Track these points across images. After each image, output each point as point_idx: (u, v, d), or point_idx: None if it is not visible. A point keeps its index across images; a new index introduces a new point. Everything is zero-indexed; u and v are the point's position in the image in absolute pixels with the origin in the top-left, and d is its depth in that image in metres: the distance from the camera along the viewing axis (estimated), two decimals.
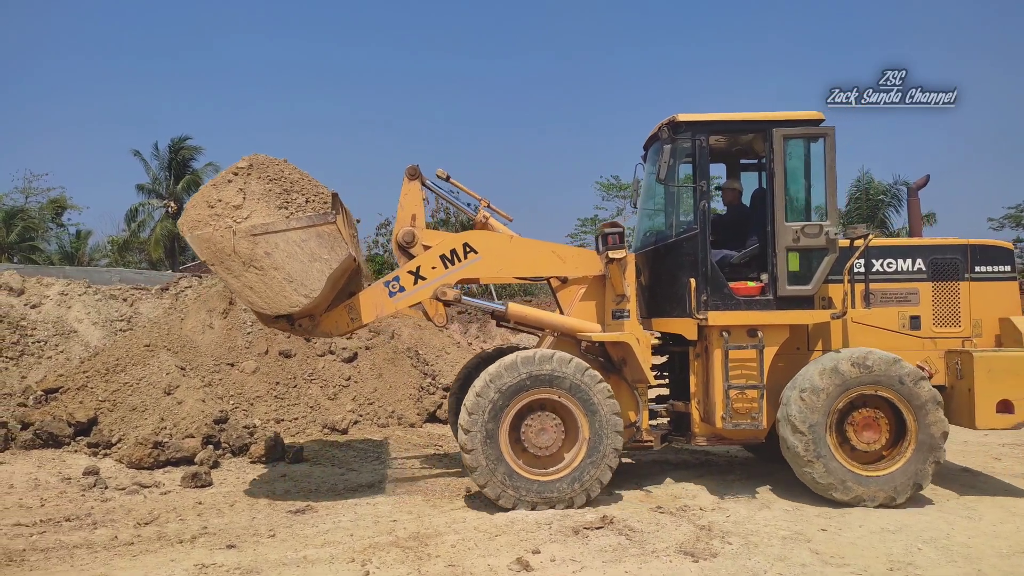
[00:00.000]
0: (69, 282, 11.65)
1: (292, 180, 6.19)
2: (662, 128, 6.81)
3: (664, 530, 5.59)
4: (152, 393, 9.11)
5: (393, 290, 6.76)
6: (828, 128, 6.56)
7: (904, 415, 6.22)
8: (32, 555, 5.13)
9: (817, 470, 6.16)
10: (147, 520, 6.01)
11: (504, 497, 6.09)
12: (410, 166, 7.08)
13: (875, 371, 6.18)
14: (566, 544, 5.31)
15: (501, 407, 6.13)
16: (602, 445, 6.17)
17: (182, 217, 5.93)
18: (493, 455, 6.08)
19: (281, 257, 5.86)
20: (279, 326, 6.70)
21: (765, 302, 6.56)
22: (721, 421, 6.49)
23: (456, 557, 5.08)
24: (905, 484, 6.15)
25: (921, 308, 6.88)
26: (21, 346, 10.16)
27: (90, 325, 10.97)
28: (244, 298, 6.00)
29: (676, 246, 6.82)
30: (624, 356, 6.72)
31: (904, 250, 6.99)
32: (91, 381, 9.35)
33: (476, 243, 6.85)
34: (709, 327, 6.57)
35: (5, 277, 11.20)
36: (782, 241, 6.49)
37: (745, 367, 6.53)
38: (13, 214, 39.95)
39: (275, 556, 5.12)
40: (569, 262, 7.01)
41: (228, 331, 10.79)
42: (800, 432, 6.18)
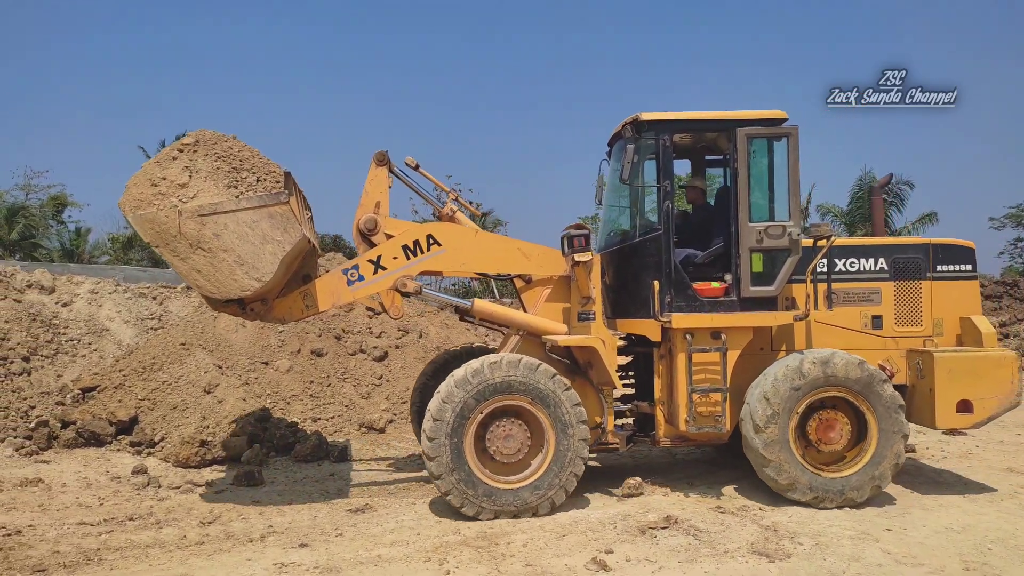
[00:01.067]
0: (99, 280, 11.62)
1: (242, 158, 5.93)
2: (626, 127, 6.76)
3: (730, 530, 5.62)
4: (192, 392, 9.10)
5: (352, 279, 6.57)
6: (791, 127, 6.55)
7: (866, 417, 6.25)
8: (108, 554, 5.13)
9: (778, 470, 6.15)
10: (210, 519, 6.01)
11: (468, 505, 5.95)
12: (379, 152, 6.87)
13: (839, 373, 6.17)
14: (636, 544, 5.34)
15: (467, 413, 5.98)
16: (569, 452, 6.09)
17: (123, 196, 5.56)
18: (457, 461, 5.93)
19: (231, 239, 5.60)
20: (229, 310, 6.41)
21: (729, 303, 6.53)
22: (685, 424, 6.49)
23: (531, 556, 5.10)
24: (865, 485, 6.17)
25: (883, 308, 6.87)
26: (55, 344, 10.13)
27: (122, 323, 10.95)
28: (192, 282, 5.72)
29: (640, 246, 6.78)
30: (590, 359, 6.65)
31: (866, 250, 6.96)
32: (128, 380, 9.34)
33: (440, 235, 6.71)
34: (673, 329, 6.54)
35: (36, 275, 11.16)
36: (745, 242, 6.47)
37: (708, 370, 6.52)
38: (15, 211, 39.77)
39: (349, 555, 5.14)
40: (534, 260, 6.92)
41: (260, 330, 10.78)
42: (762, 432, 6.15)
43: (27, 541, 5.40)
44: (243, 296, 5.83)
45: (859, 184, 38.23)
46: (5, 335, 9.77)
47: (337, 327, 11.52)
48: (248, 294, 5.76)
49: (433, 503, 6.52)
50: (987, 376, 6.39)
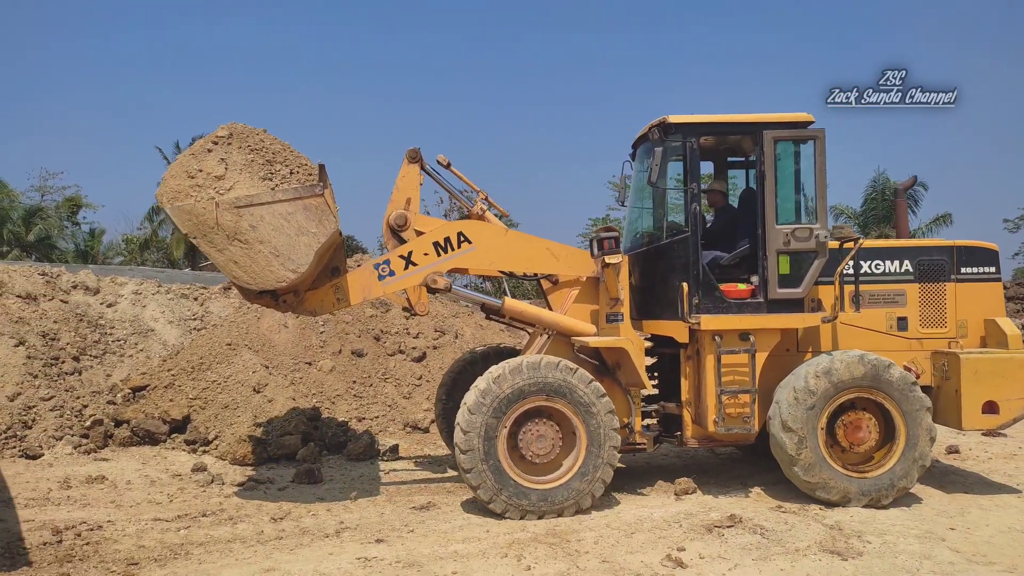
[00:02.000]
0: (142, 281, 11.77)
1: (274, 151, 6.02)
2: (652, 129, 6.81)
3: (796, 529, 5.71)
4: (241, 391, 9.24)
5: (383, 273, 6.65)
6: (818, 130, 6.62)
7: (894, 418, 6.32)
8: (193, 549, 5.26)
9: (805, 469, 6.22)
10: (280, 515, 6.14)
11: (498, 503, 6.00)
12: (411, 149, 6.95)
13: (868, 374, 6.24)
14: (706, 542, 5.44)
15: (502, 410, 6.06)
16: (600, 457, 6.16)
17: (160, 188, 5.66)
18: (490, 459, 6.00)
19: (267, 230, 5.69)
20: (263, 302, 6.52)
21: (756, 305, 6.59)
22: (713, 425, 6.55)
23: (605, 553, 5.20)
24: (891, 486, 6.25)
25: (908, 309, 6.92)
26: (103, 344, 10.28)
27: (166, 324, 11.10)
28: (228, 272, 5.79)
29: (667, 248, 6.86)
30: (619, 360, 6.75)
31: (891, 252, 7.00)
32: (178, 379, 9.48)
33: (471, 233, 6.79)
34: (701, 331, 6.58)
35: (81, 276, 11.31)
36: (773, 244, 6.53)
37: (737, 371, 6.58)
38: (32, 212, 40.11)
39: (427, 550, 5.25)
40: (563, 261, 7.01)
41: (302, 330, 10.91)
42: (791, 431, 6.19)
43: (111, 536, 5.54)
44: (278, 287, 5.90)
45: (873, 185, 38.24)
46: (55, 335, 9.93)
47: (376, 328, 11.64)
48: (283, 285, 5.83)
49: None
50: (1013, 377, 6.47)
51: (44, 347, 9.64)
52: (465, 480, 6.11)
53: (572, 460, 6.22)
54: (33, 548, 5.23)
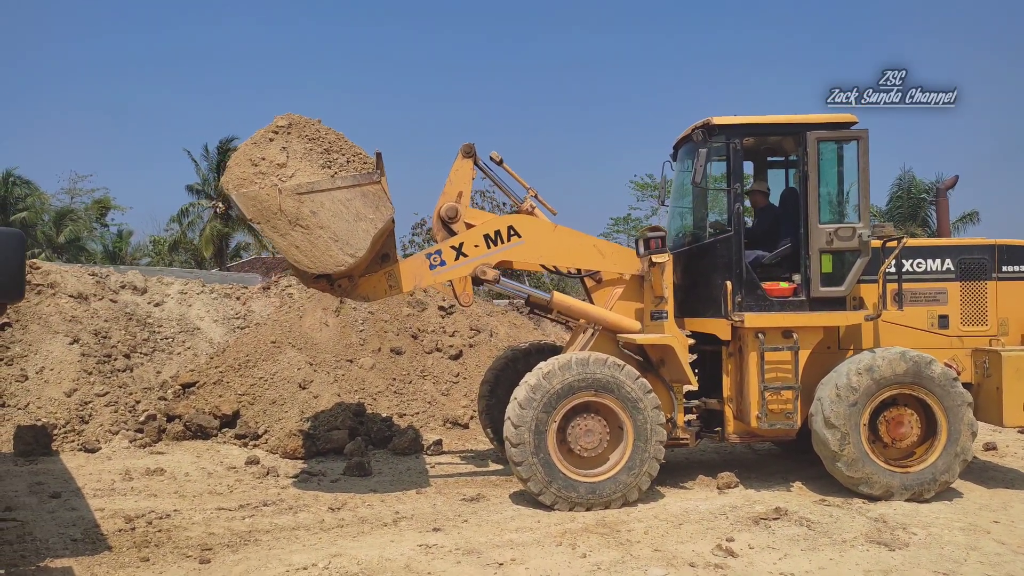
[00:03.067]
0: (187, 281, 12.10)
1: (330, 140, 6.20)
2: (696, 131, 6.93)
3: (841, 522, 5.84)
4: (288, 388, 9.51)
5: (434, 263, 6.82)
6: (862, 131, 6.72)
7: (935, 414, 6.42)
8: (260, 536, 5.50)
9: (848, 464, 6.33)
10: (337, 506, 6.37)
11: (548, 495, 6.18)
12: (466, 144, 7.14)
13: (910, 371, 6.35)
14: (754, 533, 5.59)
15: (552, 405, 6.22)
16: (646, 449, 6.32)
17: (225, 175, 5.89)
18: (540, 453, 6.17)
19: (327, 216, 5.87)
20: (318, 286, 6.73)
21: (799, 303, 6.70)
22: (756, 421, 6.67)
23: (656, 543, 5.37)
24: (933, 481, 6.35)
25: (949, 307, 7.01)
26: (152, 343, 10.60)
27: (211, 323, 11.41)
28: (290, 256, 5.98)
29: (710, 248, 6.99)
30: (663, 357, 6.90)
31: (933, 250, 7.10)
32: (226, 376, 9.77)
33: (521, 227, 6.95)
34: (744, 329, 6.71)
35: (129, 276, 11.67)
36: (815, 243, 6.65)
37: (780, 368, 6.69)
38: (63, 215, 40.93)
39: (483, 539, 5.45)
40: (609, 258, 7.16)
41: (342, 328, 11.17)
42: (834, 427, 6.31)
43: (180, 524, 5.79)
44: (337, 271, 6.08)
45: (898, 183, 37.94)
46: (107, 333, 10.26)
47: (413, 326, 11.88)
48: (342, 269, 6.02)
49: None
50: None
51: (97, 345, 9.98)
52: (515, 473, 6.29)
53: (619, 454, 6.38)
54: (110, 534, 5.49)
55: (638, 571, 4.82)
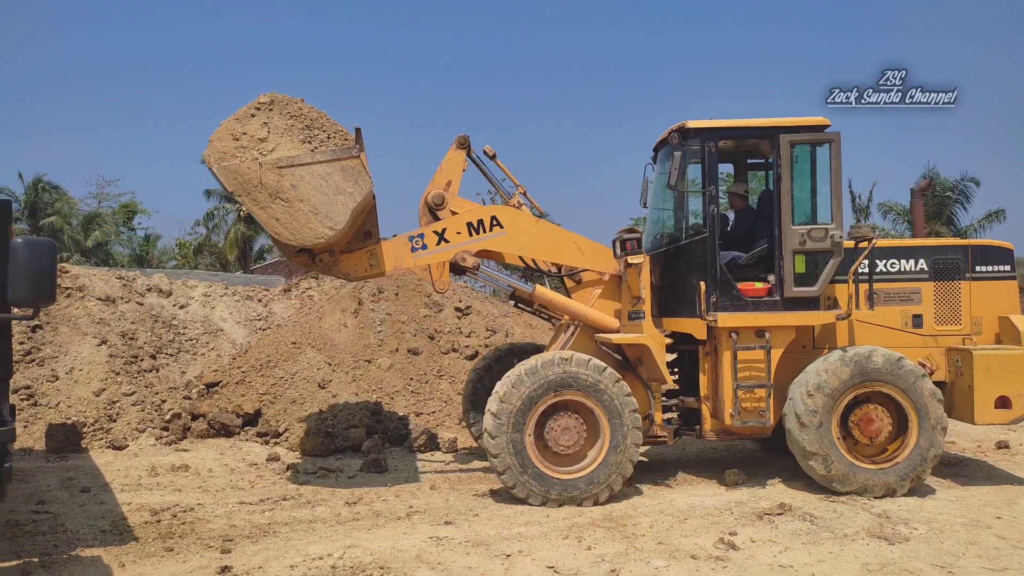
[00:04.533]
0: (211, 284, 12.43)
1: (312, 118, 6.30)
2: (672, 134, 7.03)
3: (844, 517, 5.95)
4: (307, 387, 9.78)
5: (416, 246, 6.96)
6: (834, 134, 6.85)
7: (906, 411, 6.53)
8: (279, 528, 5.74)
9: (821, 462, 6.44)
10: (353, 500, 6.59)
11: (522, 489, 6.32)
12: (461, 136, 7.29)
13: (879, 369, 6.47)
14: (757, 527, 5.72)
15: (530, 403, 6.37)
16: (622, 449, 6.43)
17: (207, 149, 5.96)
18: (518, 449, 6.31)
19: (307, 190, 6.00)
20: (300, 260, 6.84)
21: (772, 303, 6.82)
22: (730, 419, 6.79)
23: (660, 536, 5.53)
24: (905, 477, 6.47)
25: (923, 307, 7.12)
26: (177, 344, 10.93)
27: (234, 324, 11.72)
28: (270, 229, 6.11)
29: (686, 249, 7.09)
30: (640, 356, 7.04)
31: (907, 251, 7.22)
32: (248, 376, 10.05)
33: (503, 218, 7.11)
34: (718, 328, 6.83)
35: (155, 280, 12.01)
36: (789, 244, 6.76)
37: (753, 367, 6.81)
38: (91, 219, 41.79)
39: (492, 532, 5.64)
40: (588, 256, 7.30)
41: (361, 330, 11.42)
42: (805, 426, 6.44)
43: (203, 517, 6.05)
44: (316, 244, 6.23)
45: None
46: (133, 335, 10.59)
47: (430, 327, 12.09)
48: (321, 242, 6.15)
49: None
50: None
51: (124, 346, 10.31)
52: (491, 463, 6.42)
53: (596, 451, 6.53)
54: (136, 526, 5.76)
55: (641, 563, 4.98)
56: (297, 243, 6.18)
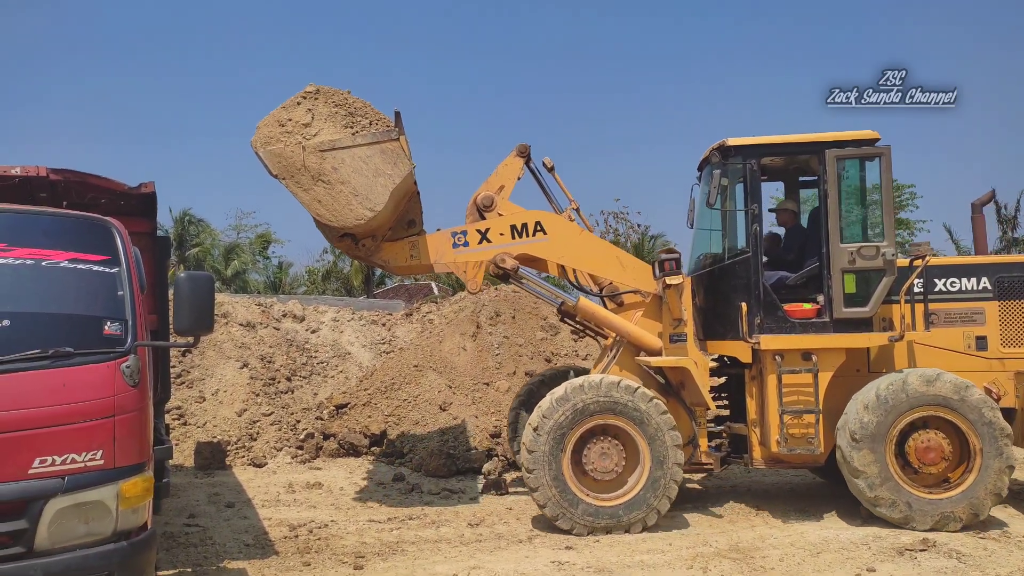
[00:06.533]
0: (339, 309, 13.12)
1: (356, 107, 6.38)
2: (712, 152, 6.83)
3: (996, 556, 5.52)
4: (429, 409, 10.09)
5: (458, 242, 6.94)
6: (884, 148, 6.48)
7: (970, 440, 6.03)
8: (407, 547, 5.96)
9: (868, 483, 6.07)
10: (475, 522, 6.74)
11: (563, 519, 6.16)
12: (522, 144, 7.31)
13: (943, 393, 6.08)
14: (897, 564, 5.40)
15: (567, 429, 6.22)
16: (663, 473, 6.20)
17: (254, 136, 6.13)
18: (555, 475, 6.17)
19: (347, 172, 6.08)
20: (343, 245, 6.87)
21: (821, 324, 6.49)
22: (776, 446, 6.46)
23: (790, 571, 5.32)
24: (962, 511, 6.01)
25: (987, 328, 6.65)
26: (310, 367, 11.57)
27: (360, 347, 12.29)
28: (312, 211, 6.19)
29: (729, 269, 6.85)
30: (683, 380, 6.75)
31: (967, 269, 6.77)
32: (374, 398, 10.50)
33: (548, 224, 7.01)
34: (762, 351, 6.53)
35: (290, 306, 12.81)
36: (837, 263, 6.44)
37: (800, 391, 6.48)
38: (230, 249, 44.98)
39: (614, 558, 5.61)
40: (629, 271, 7.07)
41: (479, 352, 11.68)
42: (857, 443, 6.10)
43: (336, 533, 6.37)
44: (356, 227, 6.32)
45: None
46: (271, 358, 11.32)
47: (547, 350, 12.20)
48: (361, 223, 6.23)
49: (673, 517, 6.85)
50: None
51: (263, 369, 11.03)
52: (532, 498, 6.36)
53: (636, 477, 6.36)
54: (277, 541, 6.14)
55: None
56: (339, 224, 6.29)
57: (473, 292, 7.42)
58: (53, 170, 4.95)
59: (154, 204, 5.93)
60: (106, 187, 5.35)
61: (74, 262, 3.83)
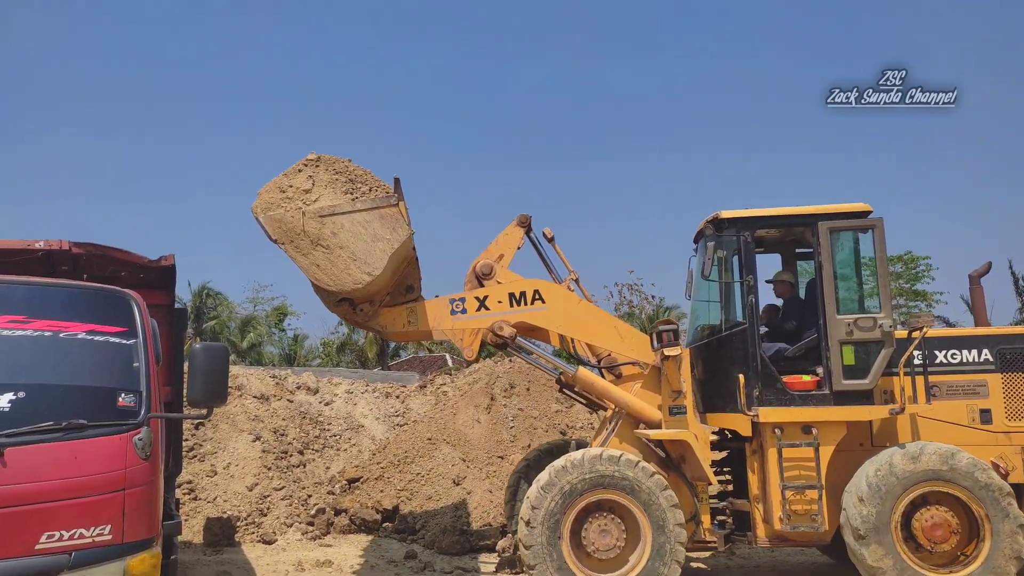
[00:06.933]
0: (353, 381, 13.08)
1: (356, 174, 6.41)
2: (706, 224, 6.86)
3: None
4: (442, 483, 9.92)
5: (456, 309, 6.91)
6: (875, 220, 6.55)
7: (972, 508, 5.86)
8: None
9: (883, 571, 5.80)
10: None
11: None
12: (523, 215, 7.41)
13: (931, 467, 5.95)
14: None
15: (559, 515, 6.10)
16: (667, 538, 6.03)
17: (255, 202, 6.16)
18: (553, 552, 6.02)
19: (346, 237, 6.12)
20: (341, 310, 6.82)
21: (820, 397, 6.39)
22: (779, 522, 6.29)
23: None
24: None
25: (991, 401, 6.51)
26: (322, 440, 11.47)
27: (374, 420, 12.19)
28: (311, 275, 6.18)
29: (726, 340, 6.79)
30: (683, 453, 6.61)
31: (968, 340, 6.67)
32: (386, 472, 10.35)
33: (546, 292, 6.99)
34: (761, 424, 6.41)
35: (303, 378, 12.80)
36: (834, 334, 6.40)
37: (801, 466, 6.34)
38: (246, 322, 45.31)
39: None
40: (627, 341, 7.01)
41: (493, 425, 11.54)
42: (862, 536, 5.92)
43: None
44: (354, 292, 6.29)
45: None
46: (284, 431, 11.23)
47: (561, 423, 12.05)
48: (360, 287, 6.19)
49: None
50: None
51: (275, 442, 10.93)
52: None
53: (638, 555, 6.16)
54: None
55: None
56: (337, 289, 6.27)
57: (469, 359, 7.38)
58: (75, 243, 5.06)
59: (173, 277, 6.02)
60: (127, 260, 5.44)
61: (92, 334, 3.87)
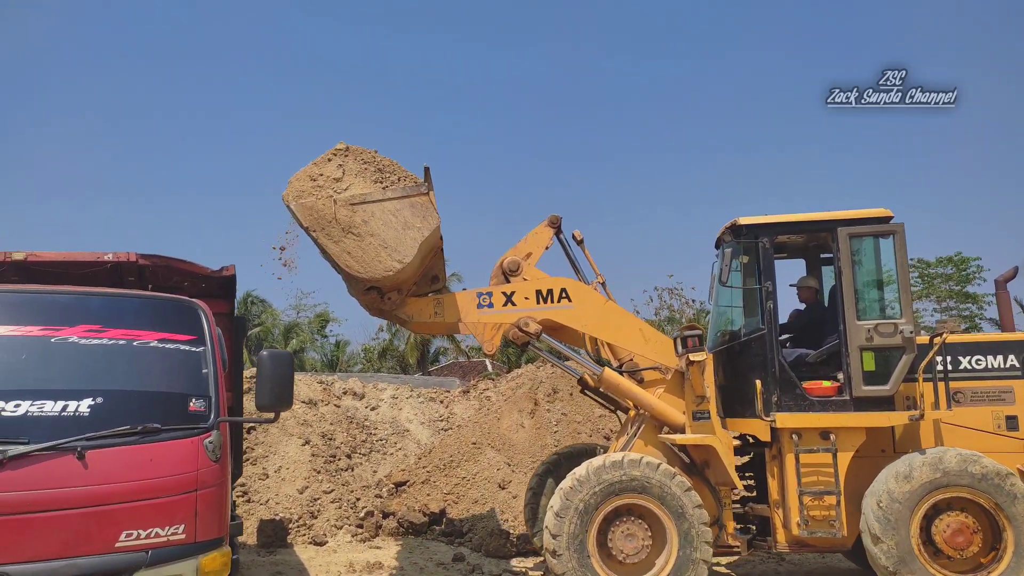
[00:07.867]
0: (397, 386, 13.28)
1: (384, 164, 6.49)
2: (725, 231, 6.83)
3: None
4: (488, 487, 10.02)
5: (483, 303, 6.96)
6: (897, 225, 6.47)
7: (995, 517, 5.74)
8: None
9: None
10: None
11: None
12: (554, 215, 7.43)
13: (951, 471, 5.90)
14: None
15: (590, 510, 6.07)
16: (692, 554, 5.97)
17: (286, 190, 6.24)
18: (581, 559, 5.99)
19: (377, 225, 6.18)
20: (368, 298, 6.81)
21: (840, 403, 6.35)
22: (798, 528, 6.28)
23: None
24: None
25: (1018, 407, 6.43)
26: (369, 444, 11.68)
27: (419, 425, 12.37)
28: (342, 262, 6.20)
29: (746, 346, 6.80)
30: (707, 458, 6.57)
31: (993, 346, 6.59)
32: (432, 476, 10.49)
33: (572, 291, 7.02)
34: (779, 429, 6.40)
35: (350, 383, 13.04)
36: (854, 340, 6.37)
37: (819, 472, 6.31)
38: (290, 328, 46.10)
39: None
40: (651, 344, 7.01)
41: (537, 430, 11.62)
42: (881, 542, 5.87)
43: None
44: (384, 279, 6.34)
45: None
46: (332, 435, 11.46)
47: (605, 427, 12.06)
48: (390, 275, 6.24)
49: None
50: None
51: (324, 446, 11.17)
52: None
53: (664, 559, 6.15)
54: None
55: None
56: (367, 276, 6.32)
57: (489, 353, 7.42)
58: (142, 255, 5.30)
59: (233, 286, 6.24)
60: (189, 271, 5.67)
61: (163, 342, 4.06)
